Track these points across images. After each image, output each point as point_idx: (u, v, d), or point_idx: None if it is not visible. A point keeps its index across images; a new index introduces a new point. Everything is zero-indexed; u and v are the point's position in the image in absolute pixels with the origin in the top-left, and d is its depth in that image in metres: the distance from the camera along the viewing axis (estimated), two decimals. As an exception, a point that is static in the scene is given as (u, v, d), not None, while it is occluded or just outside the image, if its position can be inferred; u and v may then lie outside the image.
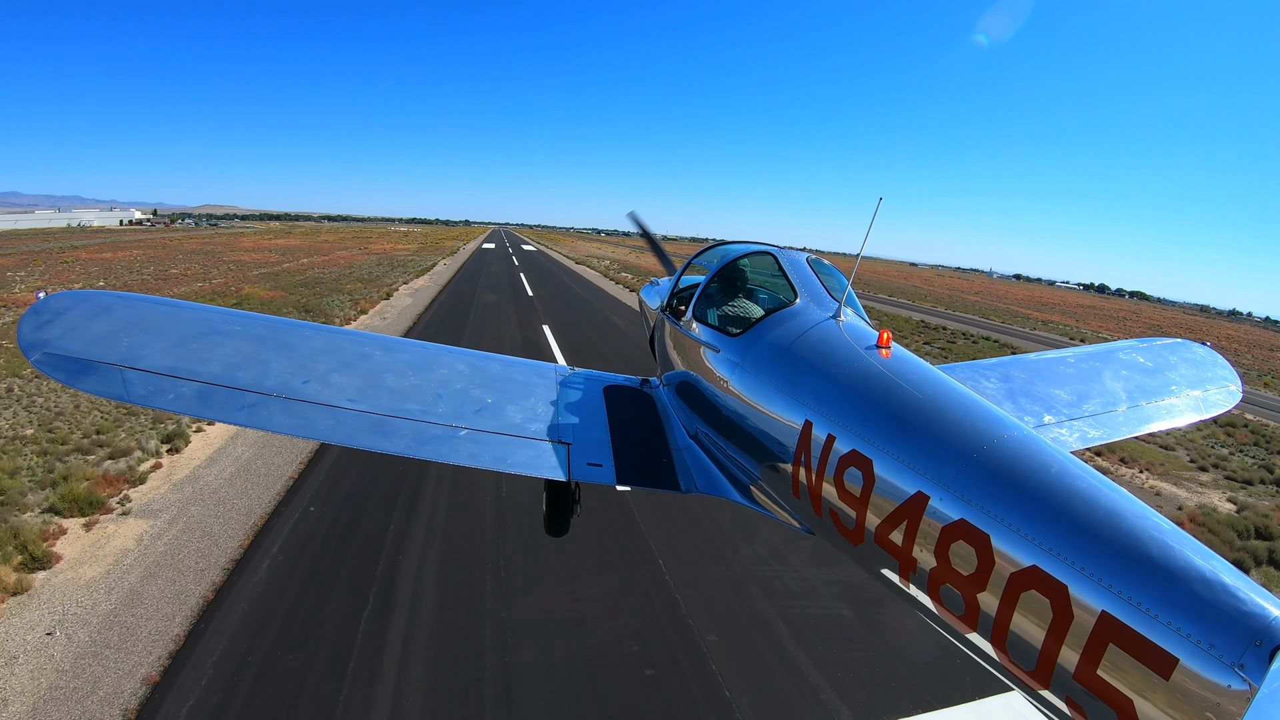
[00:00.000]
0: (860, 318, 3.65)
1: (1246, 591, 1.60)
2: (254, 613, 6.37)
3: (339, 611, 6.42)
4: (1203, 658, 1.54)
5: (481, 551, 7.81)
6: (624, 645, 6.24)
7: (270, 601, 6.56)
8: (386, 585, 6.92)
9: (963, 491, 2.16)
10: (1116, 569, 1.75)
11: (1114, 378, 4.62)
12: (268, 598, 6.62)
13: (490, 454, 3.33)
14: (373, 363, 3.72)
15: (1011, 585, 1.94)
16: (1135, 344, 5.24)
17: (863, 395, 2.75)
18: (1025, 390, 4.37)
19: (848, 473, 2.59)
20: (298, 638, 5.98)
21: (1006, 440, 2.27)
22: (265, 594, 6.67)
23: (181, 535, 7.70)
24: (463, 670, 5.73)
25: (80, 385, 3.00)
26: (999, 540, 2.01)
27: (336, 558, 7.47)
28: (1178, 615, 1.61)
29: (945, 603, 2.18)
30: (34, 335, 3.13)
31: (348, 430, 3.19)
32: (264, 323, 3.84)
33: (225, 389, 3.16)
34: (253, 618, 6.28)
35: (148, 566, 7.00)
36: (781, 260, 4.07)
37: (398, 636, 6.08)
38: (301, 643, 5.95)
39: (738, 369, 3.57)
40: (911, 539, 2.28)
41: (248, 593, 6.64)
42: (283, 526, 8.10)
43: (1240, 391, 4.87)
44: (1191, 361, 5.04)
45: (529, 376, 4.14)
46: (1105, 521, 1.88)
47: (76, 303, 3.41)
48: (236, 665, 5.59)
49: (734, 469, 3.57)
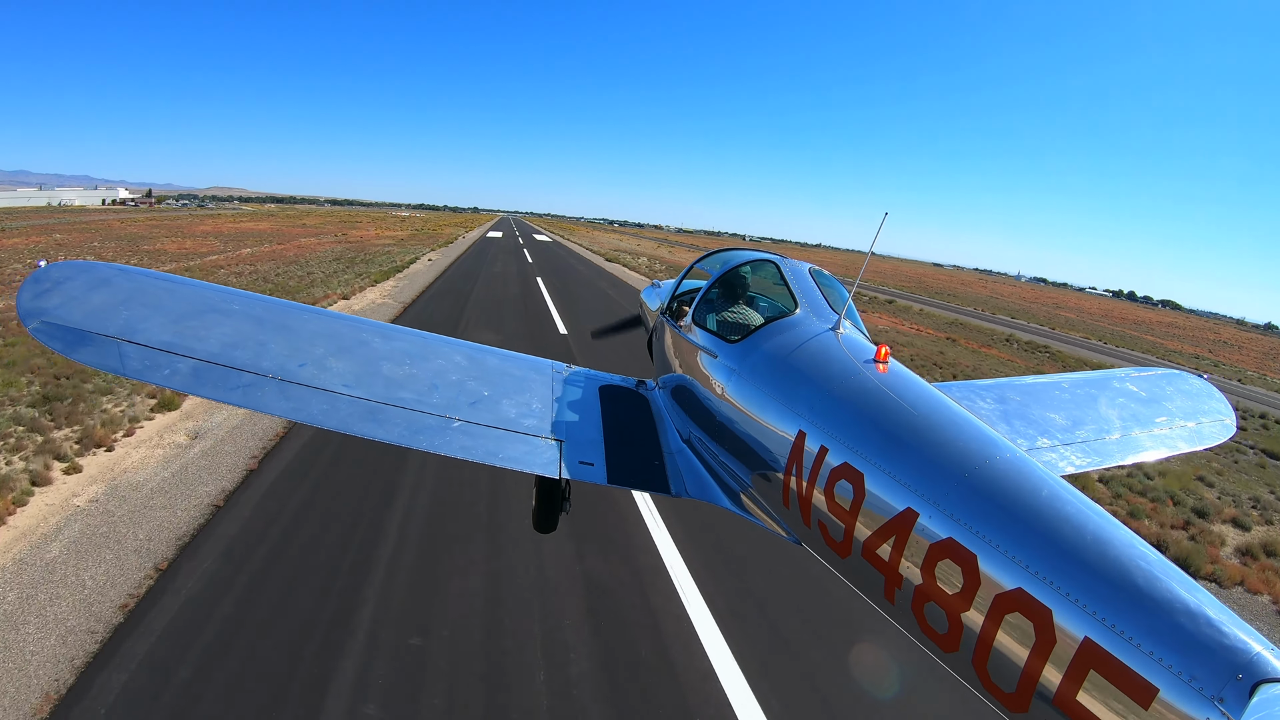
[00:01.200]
0: (859, 331, 3.66)
1: (1230, 626, 1.60)
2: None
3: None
4: (1183, 689, 1.54)
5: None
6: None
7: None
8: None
9: (952, 510, 2.16)
10: (1102, 596, 1.76)
11: (1109, 405, 4.63)
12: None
13: (483, 447, 3.32)
14: (370, 349, 3.71)
15: (996, 607, 1.94)
16: (1130, 373, 5.28)
17: (857, 409, 2.75)
18: (1020, 413, 4.38)
19: (838, 485, 2.59)
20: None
21: (998, 461, 2.27)
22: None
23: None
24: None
25: (77, 356, 2.99)
26: (986, 561, 2.01)
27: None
28: (1160, 645, 1.61)
29: (928, 620, 2.18)
30: (32, 304, 3.12)
31: (341, 416, 3.18)
32: (263, 303, 3.84)
33: (221, 367, 3.15)
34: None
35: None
36: (784, 269, 4.08)
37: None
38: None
39: (734, 375, 3.57)
40: (899, 555, 2.28)
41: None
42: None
43: (1234, 425, 4.89)
44: (1186, 393, 5.06)
45: (526, 372, 4.14)
46: (1093, 548, 1.88)
47: (77, 273, 3.40)
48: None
49: (725, 475, 3.57)
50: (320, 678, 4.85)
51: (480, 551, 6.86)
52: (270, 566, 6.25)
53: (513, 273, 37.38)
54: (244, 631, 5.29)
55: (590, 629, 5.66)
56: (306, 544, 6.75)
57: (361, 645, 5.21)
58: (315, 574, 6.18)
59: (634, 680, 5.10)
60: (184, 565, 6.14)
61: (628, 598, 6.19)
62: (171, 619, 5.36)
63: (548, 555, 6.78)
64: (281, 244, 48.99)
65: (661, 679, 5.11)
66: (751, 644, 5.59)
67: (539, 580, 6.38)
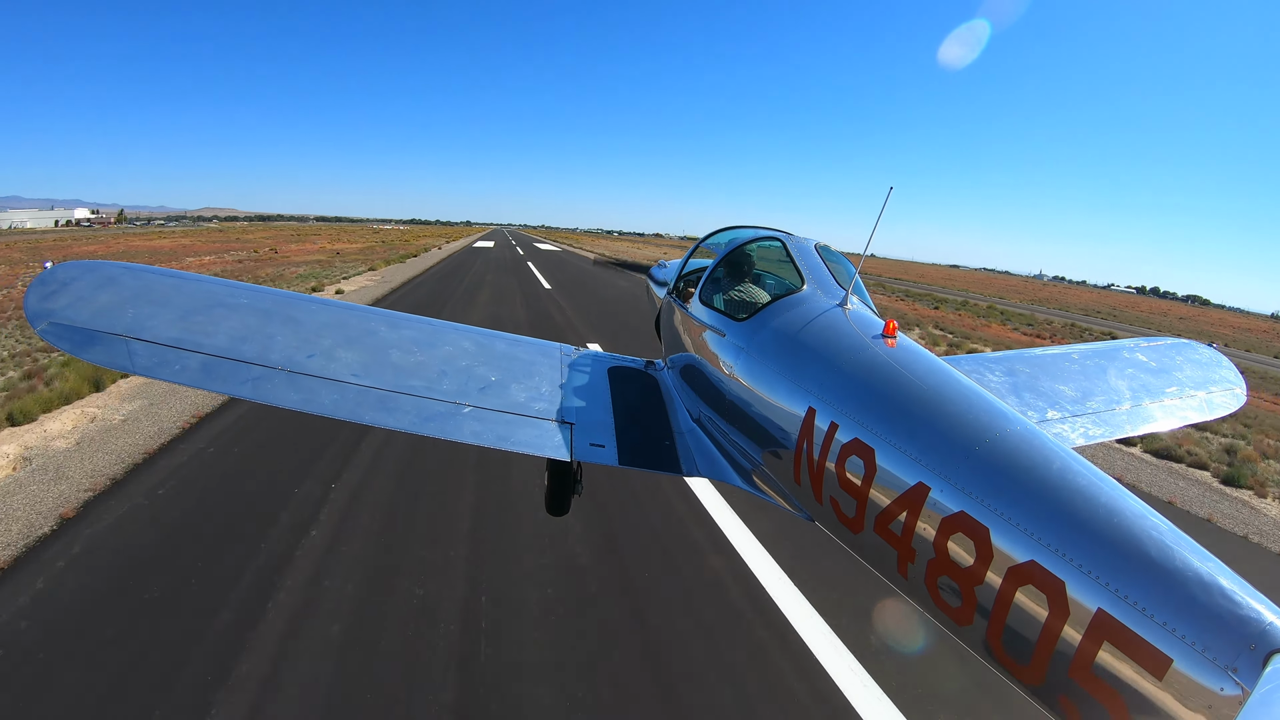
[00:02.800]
0: (867, 306, 3.64)
1: (1243, 595, 1.61)
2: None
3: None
4: (1196, 660, 1.55)
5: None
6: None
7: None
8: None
9: (964, 484, 2.17)
10: (1114, 567, 1.76)
11: (1119, 375, 4.60)
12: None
13: (493, 432, 3.34)
14: (378, 338, 3.72)
15: (1009, 580, 1.96)
16: (1139, 343, 5.23)
17: (866, 384, 2.75)
18: (1030, 385, 4.36)
19: (849, 461, 2.60)
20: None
21: (1009, 434, 2.27)
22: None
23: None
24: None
25: (86, 355, 3.01)
26: (998, 534, 2.02)
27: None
28: (1173, 616, 1.62)
29: (942, 595, 2.20)
30: (40, 305, 3.14)
31: (351, 405, 3.20)
32: (270, 296, 3.85)
33: (230, 361, 3.17)
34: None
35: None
36: (790, 246, 4.05)
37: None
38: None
39: (743, 354, 3.57)
40: (911, 529, 2.30)
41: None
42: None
43: (1245, 394, 4.86)
44: (1196, 362, 5.02)
45: (534, 356, 4.14)
46: (1105, 519, 1.88)
47: (83, 272, 3.41)
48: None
49: (736, 454, 3.58)
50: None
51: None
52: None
53: (518, 310, 20.87)
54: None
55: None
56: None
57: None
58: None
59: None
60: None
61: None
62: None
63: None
64: (175, 262, 39.28)
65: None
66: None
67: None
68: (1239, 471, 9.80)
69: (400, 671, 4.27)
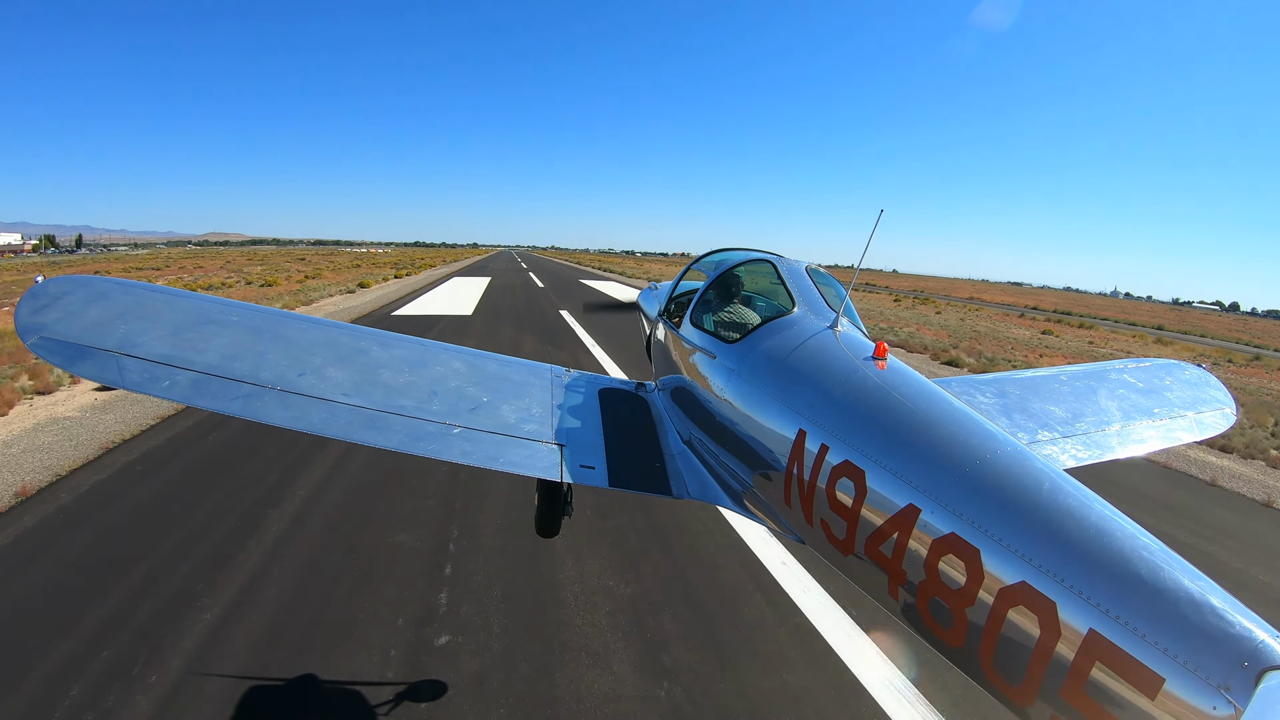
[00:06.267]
0: (857, 329, 3.66)
1: (1234, 614, 1.60)
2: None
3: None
4: (1189, 679, 1.53)
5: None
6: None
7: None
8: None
9: (954, 505, 2.16)
10: (1105, 587, 1.76)
11: (1108, 396, 4.63)
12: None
13: (483, 452, 3.32)
14: (369, 358, 3.71)
15: (1000, 601, 1.94)
16: (1127, 364, 5.27)
17: (857, 406, 2.75)
18: (1020, 406, 4.38)
19: (840, 483, 2.59)
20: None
21: (999, 455, 2.27)
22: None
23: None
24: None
25: (76, 370, 2.99)
26: (989, 555, 2.01)
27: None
28: (1165, 635, 1.61)
29: (933, 616, 2.18)
30: (31, 319, 3.11)
31: (342, 424, 3.17)
32: (261, 314, 3.84)
33: (220, 379, 3.15)
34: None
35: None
36: (780, 269, 4.09)
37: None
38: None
39: (733, 376, 3.57)
40: (902, 551, 2.28)
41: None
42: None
43: (1235, 414, 4.89)
44: (1185, 382, 5.06)
45: (525, 376, 4.13)
46: (1095, 539, 1.88)
47: (74, 287, 3.40)
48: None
49: (727, 476, 3.57)
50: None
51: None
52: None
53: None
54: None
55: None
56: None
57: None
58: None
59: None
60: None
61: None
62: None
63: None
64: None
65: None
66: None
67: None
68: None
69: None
